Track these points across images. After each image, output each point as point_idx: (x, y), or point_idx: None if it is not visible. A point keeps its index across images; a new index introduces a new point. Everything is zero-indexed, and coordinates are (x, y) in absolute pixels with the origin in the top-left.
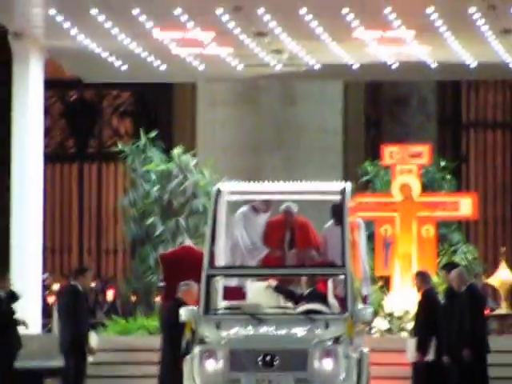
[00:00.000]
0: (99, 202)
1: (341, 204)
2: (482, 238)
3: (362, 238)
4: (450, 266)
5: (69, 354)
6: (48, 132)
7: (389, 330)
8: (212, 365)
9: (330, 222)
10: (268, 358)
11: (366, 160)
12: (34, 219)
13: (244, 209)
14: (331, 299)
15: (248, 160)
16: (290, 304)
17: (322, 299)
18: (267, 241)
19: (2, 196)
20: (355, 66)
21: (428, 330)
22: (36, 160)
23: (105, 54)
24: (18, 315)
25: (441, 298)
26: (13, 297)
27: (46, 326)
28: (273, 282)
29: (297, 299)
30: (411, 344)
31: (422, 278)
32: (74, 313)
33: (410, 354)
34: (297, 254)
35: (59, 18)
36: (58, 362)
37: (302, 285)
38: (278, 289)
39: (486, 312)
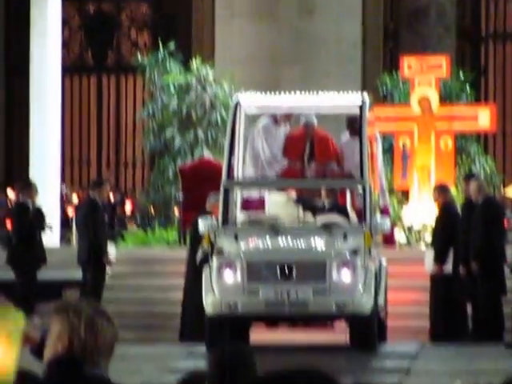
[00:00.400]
0: (118, 115)
1: (359, 116)
2: (501, 150)
3: (378, 150)
4: (470, 177)
5: (87, 265)
6: (66, 44)
7: (407, 243)
8: (230, 276)
9: (346, 134)
10: (286, 269)
11: (384, 71)
12: (53, 131)
13: (264, 121)
14: (349, 211)
15: (266, 72)
16: (309, 216)
17: (343, 211)
18: (287, 153)
19: (21, 109)
20: None
21: (446, 242)
22: (54, 72)
23: None
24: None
25: (459, 210)
26: (42, 215)
27: (65, 237)
28: (293, 194)
29: (317, 211)
30: (429, 255)
31: (440, 190)
32: (93, 225)
33: (428, 266)
34: (316, 166)
35: None
36: (77, 273)
37: (323, 197)
38: (299, 200)
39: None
